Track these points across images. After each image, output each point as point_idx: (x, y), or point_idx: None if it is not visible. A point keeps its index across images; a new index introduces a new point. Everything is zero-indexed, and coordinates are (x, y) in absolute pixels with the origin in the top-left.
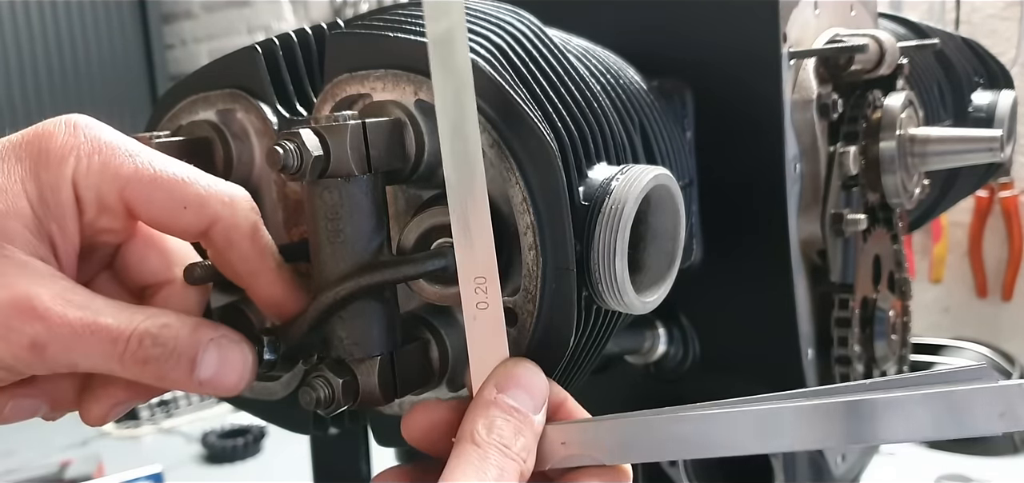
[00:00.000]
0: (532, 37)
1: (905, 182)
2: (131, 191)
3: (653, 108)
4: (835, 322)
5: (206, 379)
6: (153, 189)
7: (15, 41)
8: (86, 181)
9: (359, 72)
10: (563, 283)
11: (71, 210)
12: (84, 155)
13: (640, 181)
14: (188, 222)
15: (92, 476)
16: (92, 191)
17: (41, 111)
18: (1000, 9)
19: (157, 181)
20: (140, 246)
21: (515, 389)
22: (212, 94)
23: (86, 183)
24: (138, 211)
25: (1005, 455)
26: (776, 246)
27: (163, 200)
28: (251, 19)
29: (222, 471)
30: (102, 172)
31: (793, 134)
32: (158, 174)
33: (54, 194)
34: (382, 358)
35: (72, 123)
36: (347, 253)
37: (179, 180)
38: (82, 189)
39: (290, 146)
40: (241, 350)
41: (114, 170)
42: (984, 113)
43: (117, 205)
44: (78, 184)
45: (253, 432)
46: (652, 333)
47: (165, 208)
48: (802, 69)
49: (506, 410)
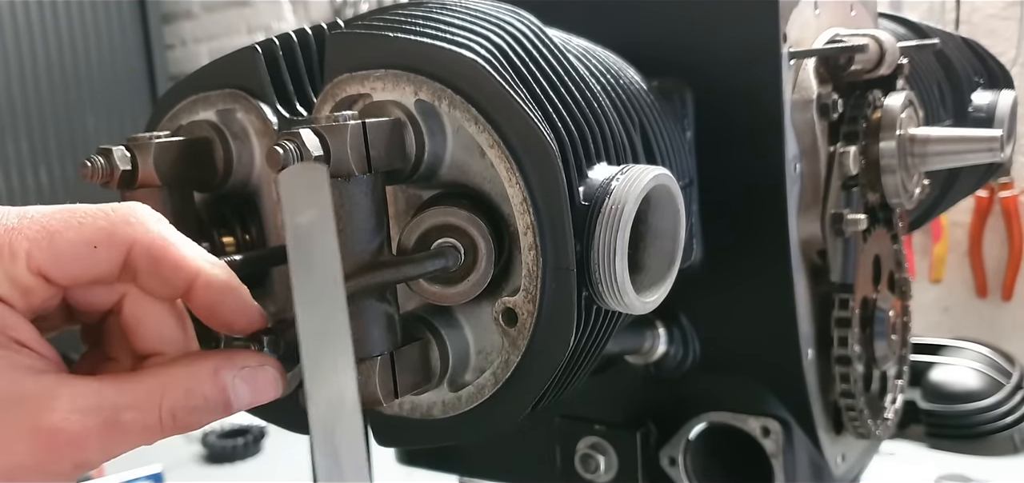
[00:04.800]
0: (532, 37)
1: (905, 182)
2: (36, 261)
3: (653, 108)
4: (835, 322)
5: (247, 406)
6: (54, 246)
7: (15, 41)
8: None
9: (359, 72)
10: (563, 283)
11: (5, 311)
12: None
13: (640, 181)
14: (104, 260)
15: (92, 476)
16: (6, 285)
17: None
18: (1000, 9)
19: (53, 237)
20: (134, 307)
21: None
22: (212, 94)
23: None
24: (53, 277)
25: (1005, 455)
26: (776, 246)
27: (69, 251)
28: (251, 19)
29: (222, 471)
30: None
31: (793, 134)
32: (51, 229)
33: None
34: (382, 358)
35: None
36: (347, 253)
37: (76, 224)
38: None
39: (290, 146)
40: (264, 371)
41: (8, 255)
42: (984, 113)
43: (34, 283)
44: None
45: (253, 432)
46: (652, 333)
47: (75, 259)
48: (802, 69)
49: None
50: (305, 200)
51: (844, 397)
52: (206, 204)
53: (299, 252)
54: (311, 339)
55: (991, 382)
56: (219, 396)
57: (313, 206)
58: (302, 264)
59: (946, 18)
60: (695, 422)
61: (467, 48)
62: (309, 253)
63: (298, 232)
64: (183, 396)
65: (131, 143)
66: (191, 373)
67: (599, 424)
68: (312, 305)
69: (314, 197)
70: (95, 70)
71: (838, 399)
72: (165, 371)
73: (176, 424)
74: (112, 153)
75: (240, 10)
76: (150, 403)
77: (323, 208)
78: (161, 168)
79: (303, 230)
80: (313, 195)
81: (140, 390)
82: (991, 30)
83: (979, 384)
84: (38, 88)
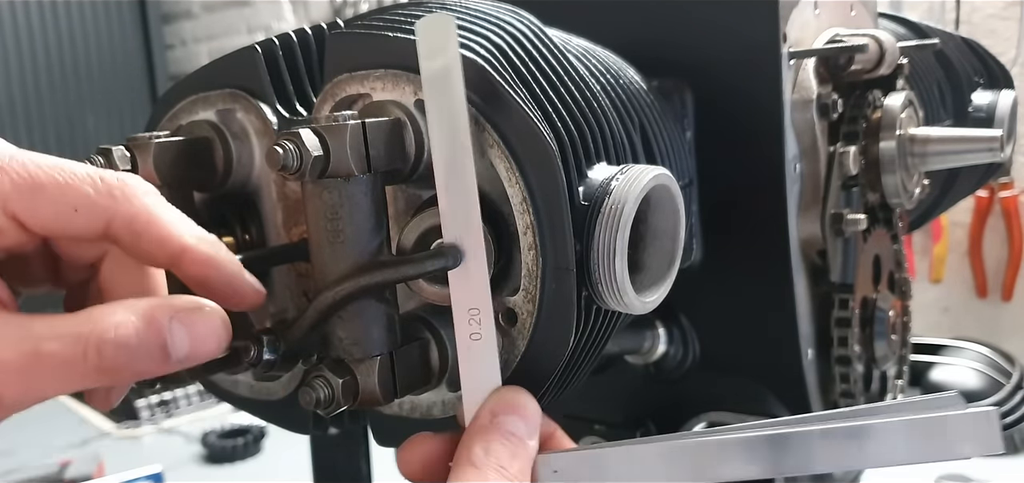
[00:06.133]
0: (532, 37)
1: (905, 182)
2: (14, 205)
3: (653, 108)
4: (835, 322)
5: (185, 355)
6: (35, 198)
7: (15, 41)
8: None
9: (359, 72)
10: (563, 283)
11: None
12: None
13: (640, 181)
14: (82, 225)
15: (92, 476)
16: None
17: (41, 111)
18: (1000, 9)
19: (37, 188)
20: (112, 268)
21: (510, 415)
22: (212, 94)
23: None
24: (28, 224)
25: (1005, 455)
26: (776, 246)
27: (48, 207)
28: (251, 19)
29: (222, 471)
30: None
31: (793, 134)
32: (37, 180)
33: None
34: (382, 358)
35: None
36: (347, 253)
37: (62, 183)
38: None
39: (290, 146)
40: (204, 315)
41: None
42: (984, 113)
43: (7, 224)
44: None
45: (253, 432)
46: (652, 333)
47: (53, 215)
48: (802, 69)
49: (503, 434)
50: (436, 48)
51: (844, 397)
52: (206, 204)
53: (432, 88)
54: (442, 147)
55: (991, 382)
56: (153, 337)
57: (442, 54)
58: (434, 101)
59: (946, 18)
60: (695, 422)
61: (467, 48)
62: (439, 90)
63: (430, 74)
64: (112, 329)
65: (131, 143)
66: (127, 307)
67: (599, 424)
68: (442, 124)
69: (443, 46)
70: (95, 70)
71: (838, 399)
72: (99, 308)
73: (102, 362)
74: (112, 153)
75: (240, 10)
76: (77, 335)
77: (451, 55)
78: (161, 168)
79: (435, 73)
80: (443, 44)
81: (69, 323)
82: (991, 30)
83: (979, 384)
84: (38, 88)
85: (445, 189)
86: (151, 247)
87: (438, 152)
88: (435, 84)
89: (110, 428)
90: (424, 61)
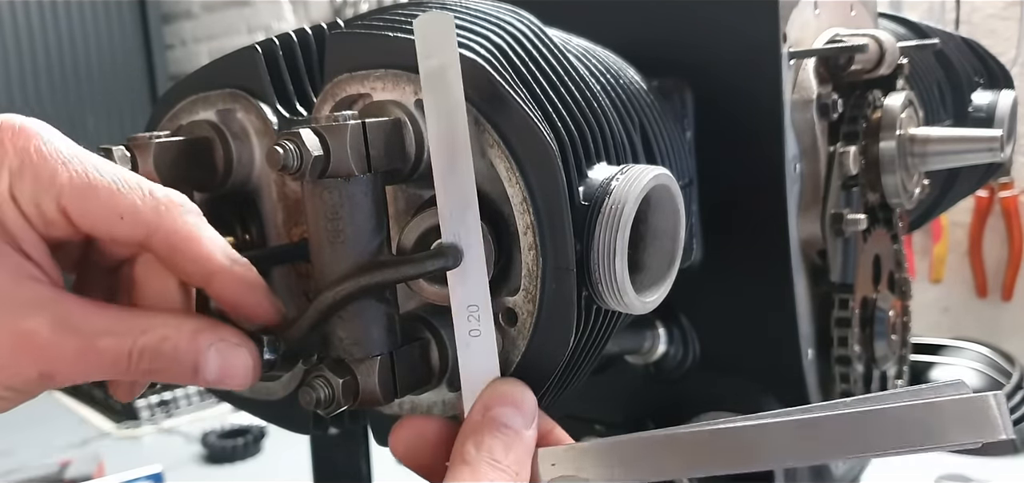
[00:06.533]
0: (532, 37)
1: (905, 182)
2: (66, 201)
3: (653, 108)
4: (835, 322)
5: (212, 380)
6: (87, 199)
7: (15, 41)
8: (22, 195)
9: (359, 72)
10: (563, 283)
11: (22, 224)
12: (14, 168)
13: (640, 181)
14: (125, 232)
15: (92, 476)
16: (32, 205)
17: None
18: (1000, 9)
19: (90, 190)
20: (147, 268)
21: (503, 406)
22: (212, 94)
23: (23, 197)
24: (76, 221)
25: (1005, 455)
26: (776, 246)
27: (98, 210)
28: (251, 19)
29: (222, 471)
30: (35, 184)
31: (793, 134)
32: (92, 183)
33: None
34: (382, 358)
35: (5, 128)
36: (347, 253)
37: (114, 189)
38: (23, 204)
39: (290, 146)
40: (240, 352)
41: (47, 181)
42: (984, 113)
43: (57, 218)
44: (17, 199)
45: (253, 432)
46: (652, 333)
47: (101, 218)
48: (802, 69)
49: (495, 428)
50: (434, 47)
51: (844, 397)
52: (206, 204)
53: (430, 86)
54: (441, 145)
55: (991, 382)
56: (190, 357)
57: (440, 52)
58: (432, 99)
59: (946, 18)
60: (695, 422)
61: (467, 48)
62: (437, 88)
63: (428, 72)
64: (158, 340)
65: (131, 143)
66: (175, 324)
67: (599, 424)
68: (440, 122)
69: (442, 44)
70: (95, 70)
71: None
72: (152, 313)
73: (139, 367)
74: (112, 153)
75: (240, 10)
76: (129, 336)
77: (449, 54)
78: (161, 168)
79: (433, 71)
80: (441, 42)
81: (124, 321)
82: (991, 30)
83: (979, 384)
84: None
85: (443, 187)
86: (186, 264)
87: (436, 150)
88: (433, 82)
89: (110, 428)
90: (422, 59)
